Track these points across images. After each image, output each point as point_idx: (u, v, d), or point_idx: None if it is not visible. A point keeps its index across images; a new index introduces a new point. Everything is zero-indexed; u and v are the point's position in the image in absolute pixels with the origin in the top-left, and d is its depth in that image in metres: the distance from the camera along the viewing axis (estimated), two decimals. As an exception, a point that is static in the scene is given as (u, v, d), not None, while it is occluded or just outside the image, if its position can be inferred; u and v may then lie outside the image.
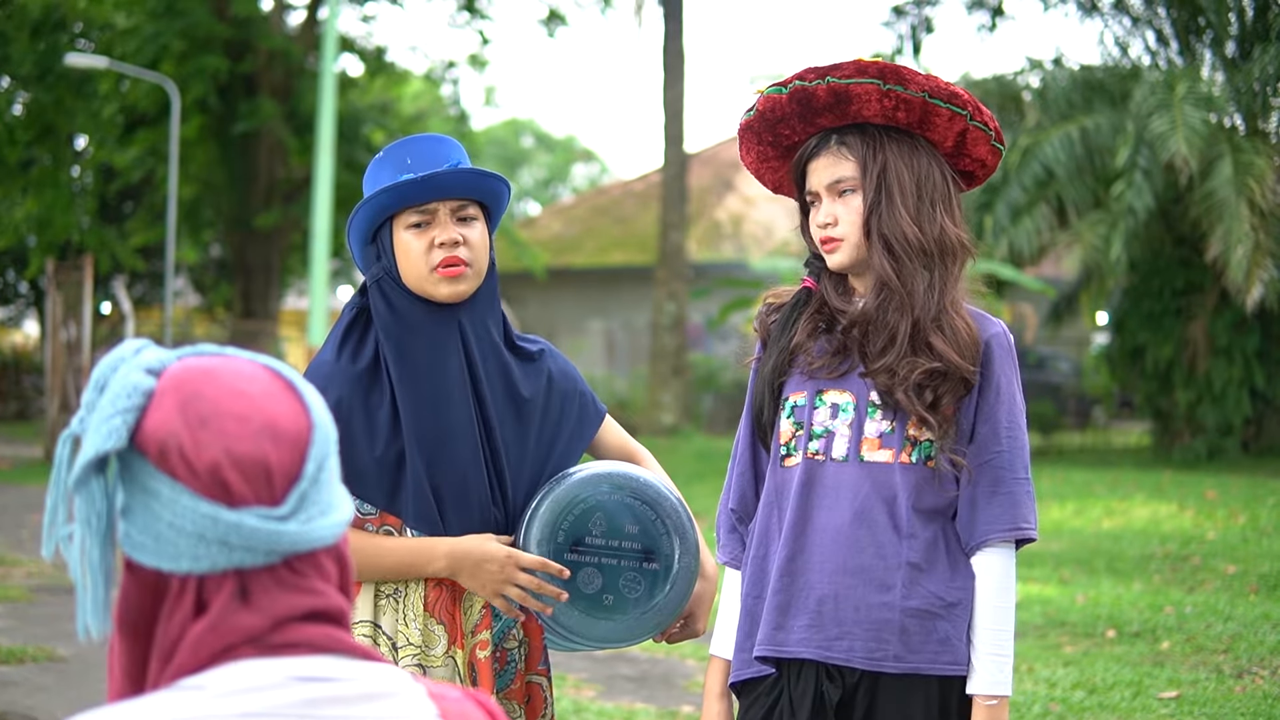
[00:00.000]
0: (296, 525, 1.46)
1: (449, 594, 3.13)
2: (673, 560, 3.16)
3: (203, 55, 24.76)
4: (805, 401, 3.00)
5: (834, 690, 2.93)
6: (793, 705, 2.96)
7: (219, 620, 1.44)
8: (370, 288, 3.17)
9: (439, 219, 3.10)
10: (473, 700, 1.56)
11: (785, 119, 3.00)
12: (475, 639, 3.13)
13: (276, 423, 1.48)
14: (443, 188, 3.10)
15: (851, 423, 2.96)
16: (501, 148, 57.74)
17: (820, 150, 3.00)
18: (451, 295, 3.11)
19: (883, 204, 2.94)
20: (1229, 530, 12.52)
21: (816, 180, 3.01)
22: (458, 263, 3.09)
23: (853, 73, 2.91)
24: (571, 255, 32.76)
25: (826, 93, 2.92)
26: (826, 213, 2.99)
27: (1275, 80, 18.75)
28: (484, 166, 3.27)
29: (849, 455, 2.95)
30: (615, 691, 7.51)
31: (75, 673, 7.65)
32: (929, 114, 2.96)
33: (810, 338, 3.02)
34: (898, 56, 23.32)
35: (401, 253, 3.11)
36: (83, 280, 21.05)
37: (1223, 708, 6.85)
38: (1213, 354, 19.41)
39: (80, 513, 1.49)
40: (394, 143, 3.20)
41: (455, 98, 32.72)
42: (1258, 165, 17.36)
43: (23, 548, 12.47)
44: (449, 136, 3.20)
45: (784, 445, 3.02)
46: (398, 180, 3.09)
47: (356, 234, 3.16)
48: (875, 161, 2.95)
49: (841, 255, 2.99)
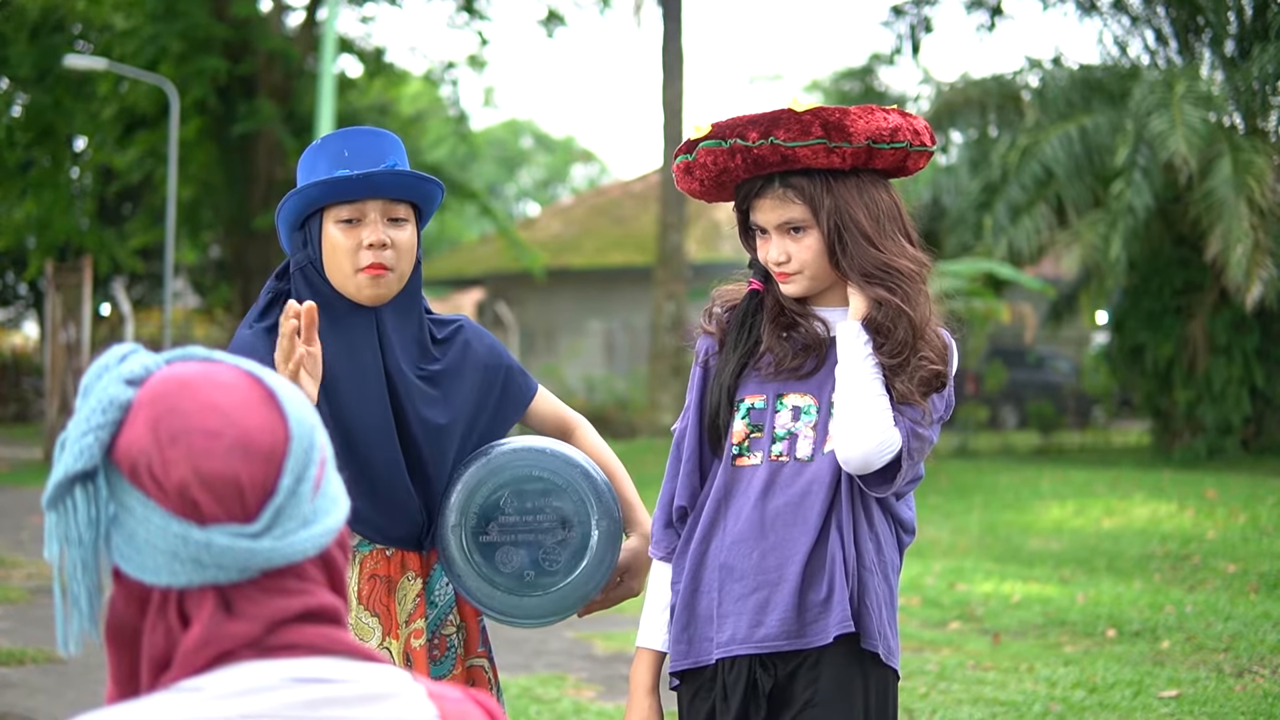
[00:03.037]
0: (271, 541, 1.44)
1: (383, 585, 3.13)
2: (589, 526, 3.16)
3: (202, 57, 24.74)
4: (765, 404, 3.03)
5: (766, 679, 2.99)
6: (727, 692, 3.01)
7: (210, 630, 1.43)
8: (294, 274, 3.15)
9: (369, 219, 3.09)
10: (473, 701, 1.55)
11: (728, 170, 3.02)
12: (410, 628, 3.13)
13: (250, 437, 1.45)
14: (377, 187, 3.08)
15: (815, 424, 3.01)
16: (500, 148, 57.71)
17: (766, 192, 3.03)
18: (373, 299, 3.11)
19: (845, 242, 2.98)
20: (1229, 529, 12.52)
21: (764, 218, 3.04)
22: (381, 268, 3.08)
23: (797, 134, 2.92)
24: (571, 256, 32.76)
25: (771, 152, 2.94)
26: (779, 250, 3.02)
27: (1274, 79, 18.74)
28: (483, 167, 3.27)
29: (814, 454, 2.99)
30: (615, 692, 7.50)
31: (75, 674, 7.64)
32: (874, 155, 2.99)
33: (780, 340, 3.05)
34: (897, 56, 23.35)
35: (329, 247, 3.10)
36: (82, 282, 21.03)
37: (1223, 707, 6.85)
38: (1212, 353, 19.41)
39: (58, 529, 1.47)
40: (332, 133, 3.17)
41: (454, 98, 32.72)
42: (1257, 164, 17.36)
43: (22, 549, 12.46)
44: (387, 131, 3.18)
45: (736, 445, 3.04)
46: (333, 175, 3.07)
47: (284, 219, 3.14)
48: (824, 204, 2.98)
49: (795, 287, 3.04)
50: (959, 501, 15.34)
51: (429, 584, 3.21)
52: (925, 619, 9.19)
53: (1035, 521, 13.89)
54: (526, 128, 61.72)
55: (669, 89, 23.68)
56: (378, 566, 3.15)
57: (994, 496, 15.77)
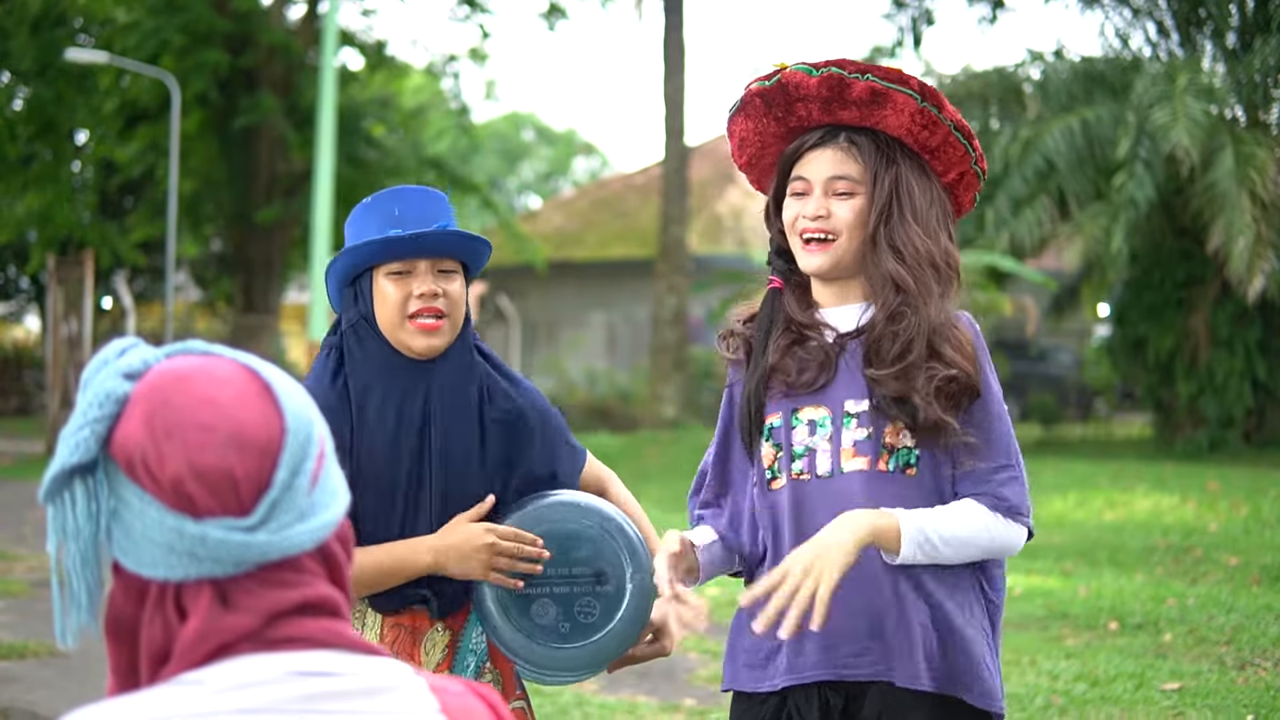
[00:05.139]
0: (266, 535, 1.44)
1: (408, 635, 3.15)
2: (624, 579, 3.14)
3: (203, 50, 24.74)
4: (781, 422, 2.94)
5: (838, 699, 2.91)
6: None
7: (208, 623, 1.43)
8: (346, 331, 3.19)
9: (419, 271, 3.13)
10: (475, 694, 1.55)
11: (806, 99, 2.91)
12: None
13: (244, 430, 1.45)
14: (427, 248, 3.12)
15: (830, 436, 2.90)
16: (502, 141, 57.67)
17: (826, 143, 2.93)
18: (426, 349, 3.13)
19: (894, 213, 2.89)
20: (1231, 522, 12.52)
21: (814, 170, 2.93)
22: (435, 313, 3.11)
23: (896, 79, 2.85)
24: (572, 249, 32.74)
25: (864, 89, 2.86)
26: (819, 205, 2.92)
27: (1276, 71, 18.73)
28: (484, 160, 3.29)
29: (833, 470, 2.89)
30: (617, 685, 7.50)
31: (77, 668, 7.65)
32: (946, 144, 2.93)
33: (785, 357, 2.96)
34: (898, 49, 23.32)
35: (379, 299, 3.14)
36: (84, 275, 21.05)
37: (1225, 699, 6.85)
38: (1214, 345, 19.40)
39: (56, 523, 1.47)
40: (384, 191, 3.21)
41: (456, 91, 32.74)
42: (1259, 156, 17.35)
43: (24, 543, 12.47)
44: (437, 191, 3.22)
45: (768, 469, 2.96)
46: (385, 235, 3.10)
47: (335, 278, 3.19)
48: (888, 171, 2.90)
49: (826, 257, 2.92)
50: (961, 494, 15.32)
51: (464, 634, 3.21)
52: (927, 612, 9.19)
53: (1037, 514, 13.86)
54: (528, 121, 61.68)
55: (670, 82, 23.65)
56: (401, 616, 3.16)
57: (996, 489, 15.74)
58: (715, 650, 8.28)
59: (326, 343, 3.23)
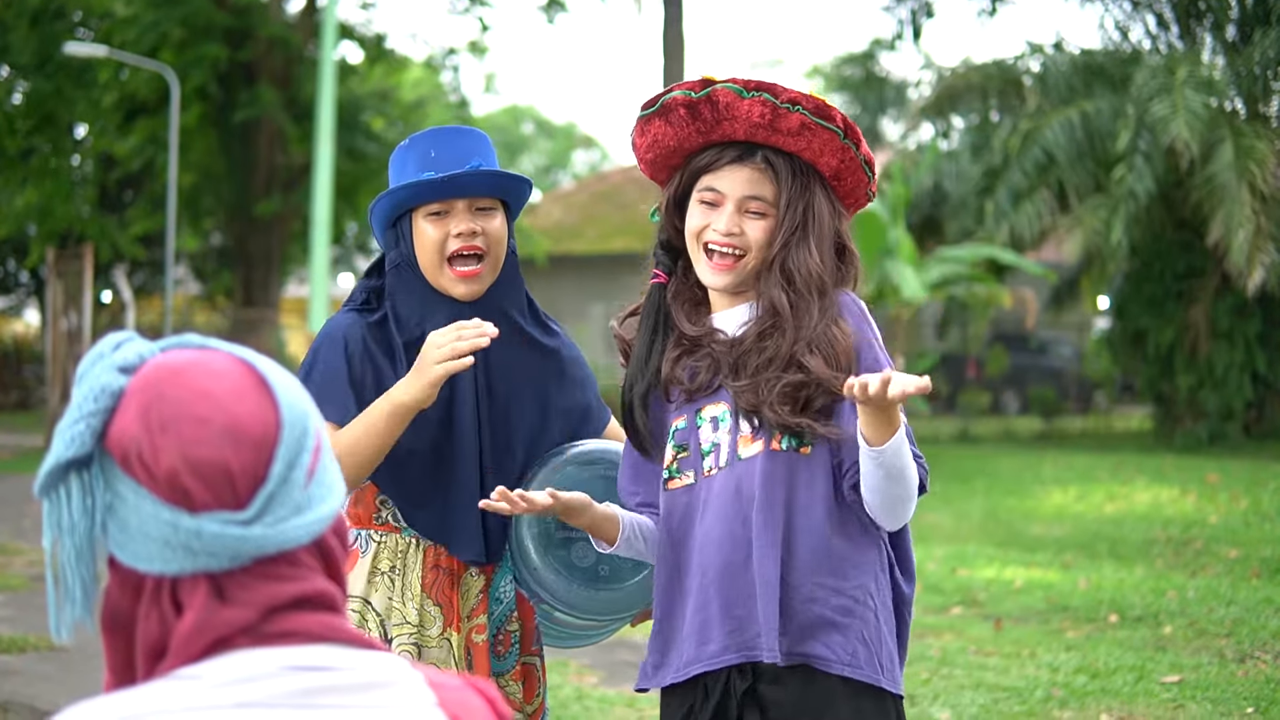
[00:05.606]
0: (262, 528, 1.43)
1: (446, 577, 3.17)
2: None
3: (202, 43, 24.73)
4: (686, 424, 2.99)
5: (741, 682, 2.91)
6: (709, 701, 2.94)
7: (205, 617, 1.43)
8: (389, 272, 3.21)
9: (457, 210, 3.16)
10: (472, 688, 1.54)
11: (734, 119, 2.93)
12: (472, 623, 3.18)
13: (240, 423, 1.44)
14: (463, 188, 3.15)
15: (730, 428, 2.94)
16: (502, 134, 57.65)
17: (744, 161, 2.96)
18: (467, 295, 3.17)
19: (796, 238, 2.92)
20: (1231, 514, 12.53)
21: (728, 186, 2.96)
22: (474, 251, 3.14)
23: (824, 116, 2.89)
24: (572, 242, 32.75)
25: (796, 121, 2.89)
26: (732, 222, 2.94)
27: (1275, 64, 18.72)
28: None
29: (730, 459, 2.92)
30: (618, 678, 7.50)
31: (77, 662, 7.64)
32: (855, 174, 2.98)
33: (675, 368, 3.00)
34: (898, 41, 23.32)
35: (419, 240, 3.17)
36: (83, 269, 21.03)
37: (1225, 692, 6.85)
38: (1214, 338, 19.41)
39: (51, 517, 1.46)
40: (422, 132, 3.24)
41: (455, 85, 32.68)
42: (1259, 149, 17.35)
43: (24, 536, 12.47)
44: (475, 129, 3.23)
45: (667, 469, 3.00)
46: (419, 178, 3.12)
47: (377, 220, 3.22)
48: (801, 197, 2.94)
49: (733, 276, 2.96)
50: (961, 487, 15.34)
51: (494, 581, 3.24)
52: (927, 604, 9.19)
53: (1037, 507, 13.89)
54: (528, 114, 61.69)
55: (670, 74, 23.62)
56: (440, 558, 3.19)
57: (996, 482, 15.77)
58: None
59: (363, 285, 3.24)
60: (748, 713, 2.90)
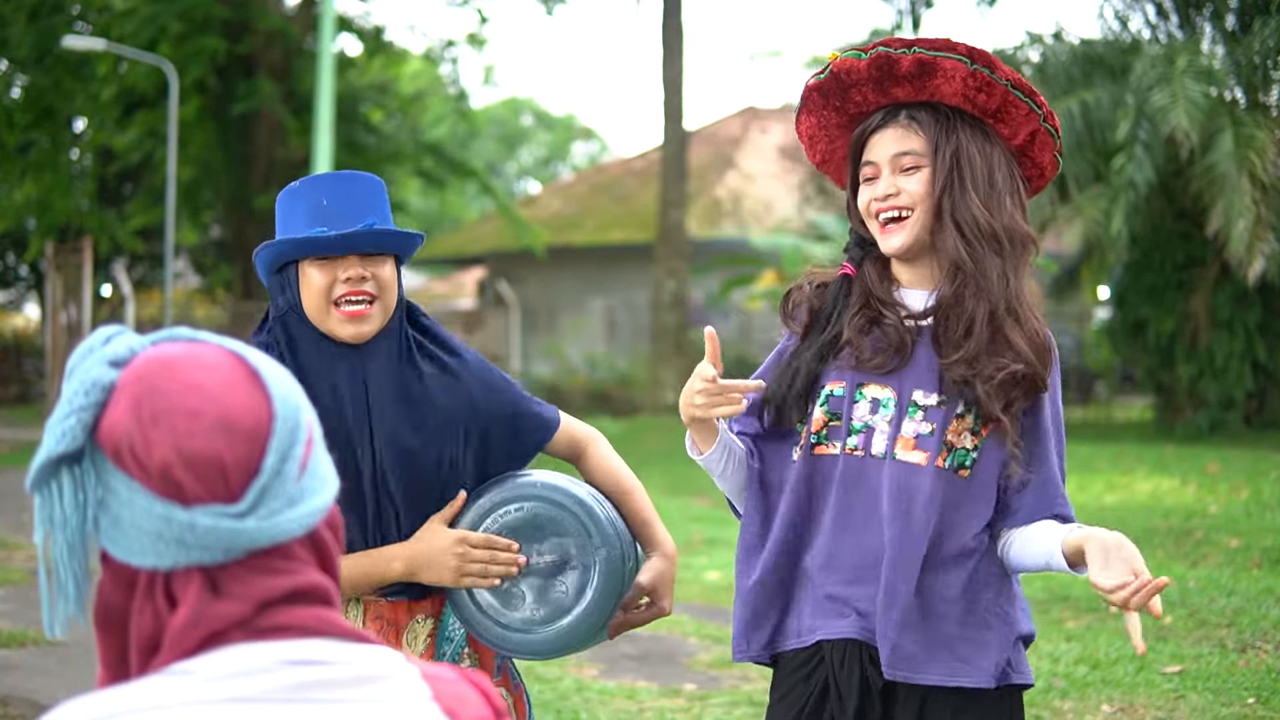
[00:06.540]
0: (256, 521, 1.43)
1: (390, 628, 3.12)
2: (590, 557, 3.08)
3: (201, 36, 24.71)
4: (844, 393, 2.92)
5: (877, 676, 2.89)
6: (839, 687, 2.91)
7: (198, 611, 1.42)
8: (273, 322, 3.11)
9: (347, 259, 3.04)
10: (468, 681, 1.54)
11: (859, 84, 2.92)
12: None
13: (232, 416, 1.44)
14: (354, 247, 3.04)
15: (891, 419, 2.89)
16: (501, 126, 57.64)
17: (888, 123, 2.94)
18: (355, 336, 3.05)
19: (954, 185, 2.88)
20: (1231, 504, 12.51)
21: (879, 152, 2.94)
22: (364, 296, 3.03)
23: (942, 47, 2.86)
24: (572, 233, 32.73)
25: (911, 63, 2.86)
26: (888, 184, 2.92)
27: (1276, 53, 18.69)
28: (483, 145, 3.26)
29: (887, 453, 2.88)
30: (617, 670, 7.51)
31: (77, 656, 7.64)
32: (1007, 105, 2.91)
33: (862, 334, 2.93)
34: (897, 31, 23.28)
35: (305, 286, 3.06)
36: (82, 263, 21.04)
37: (1226, 682, 6.85)
38: (1214, 328, 19.39)
39: (43, 512, 1.46)
40: (310, 177, 3.12)
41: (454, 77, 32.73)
42: (1259, 139, 17.32)
43: (24, 531, 12.48)
44: (367, 175, 3.11)
45: (815, 434, 2.93)
46: (310, 234, 3.02)
47: (262, 265, 3.12)
48: (948, 141, 2.89)
49: (904, 235, 2.92)
50: (961, 478, 15.32)
51: (442, 622, 3.18)
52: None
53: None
54: (527, 105, 61.64)
55: (669, 66, 23.64)
56: (382, 609, 3.12)
57: (996, 472, 15.74)
58: (715, 635, 8.28)
59: (258, 343, 3.11)
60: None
